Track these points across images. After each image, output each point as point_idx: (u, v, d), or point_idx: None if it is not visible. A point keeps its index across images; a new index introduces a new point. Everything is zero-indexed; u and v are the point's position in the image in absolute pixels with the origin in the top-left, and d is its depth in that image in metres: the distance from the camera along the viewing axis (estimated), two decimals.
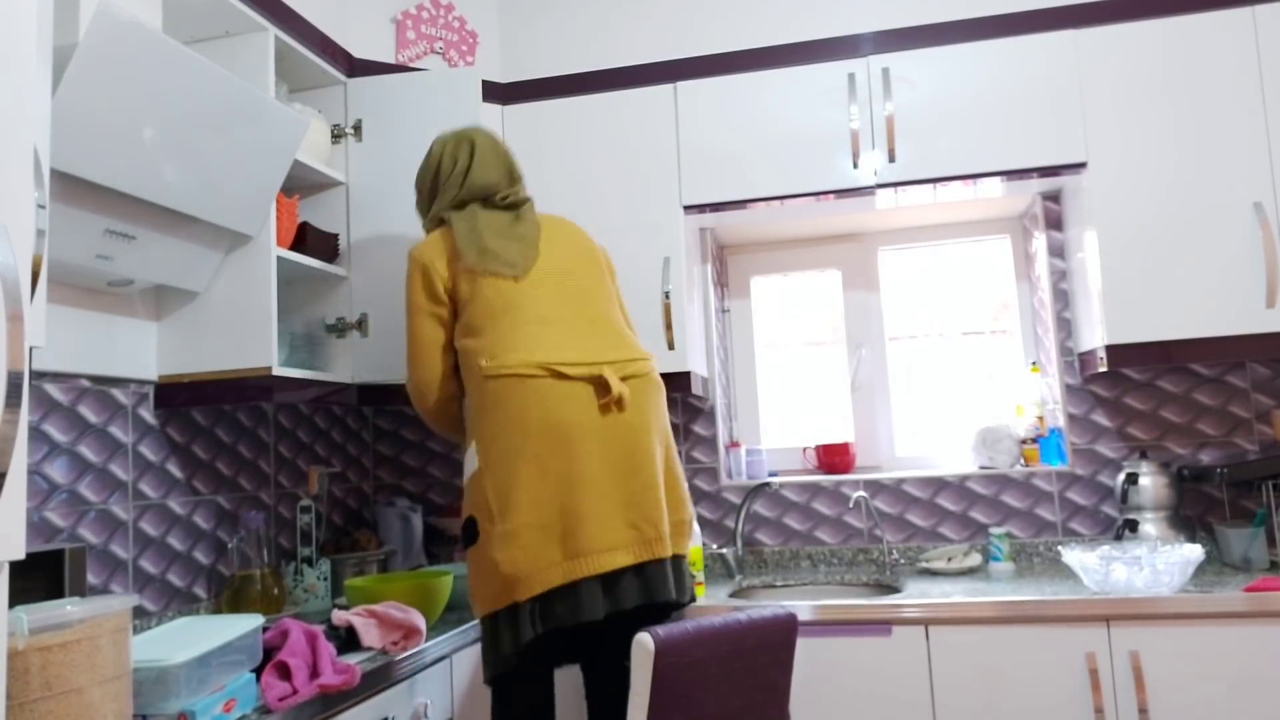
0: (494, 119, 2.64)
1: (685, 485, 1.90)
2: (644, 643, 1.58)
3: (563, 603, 1.70)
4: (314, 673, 1.57)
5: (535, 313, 1.84)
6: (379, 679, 1.70)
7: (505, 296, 1.86)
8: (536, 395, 1.73)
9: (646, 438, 1.79)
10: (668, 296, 2.46)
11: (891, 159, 2.40)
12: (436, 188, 2.04)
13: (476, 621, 2.09)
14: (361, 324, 2.34)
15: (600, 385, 1.77)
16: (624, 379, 1.79)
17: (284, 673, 1.55)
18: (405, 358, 2.08)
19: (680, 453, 2.82)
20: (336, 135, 2.39)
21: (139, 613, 1.94)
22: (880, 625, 2.09)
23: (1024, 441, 2.69)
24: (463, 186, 2.00)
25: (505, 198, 2.01)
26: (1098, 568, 2.02)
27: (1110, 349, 2.28)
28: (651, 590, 1.76)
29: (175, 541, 2.06)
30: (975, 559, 2.45)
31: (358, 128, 2.39)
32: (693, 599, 1.85)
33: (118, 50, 1.50)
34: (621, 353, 1.84)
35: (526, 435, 1.71)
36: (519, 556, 1.68)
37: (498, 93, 2.66)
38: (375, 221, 2.39)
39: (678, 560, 1.82)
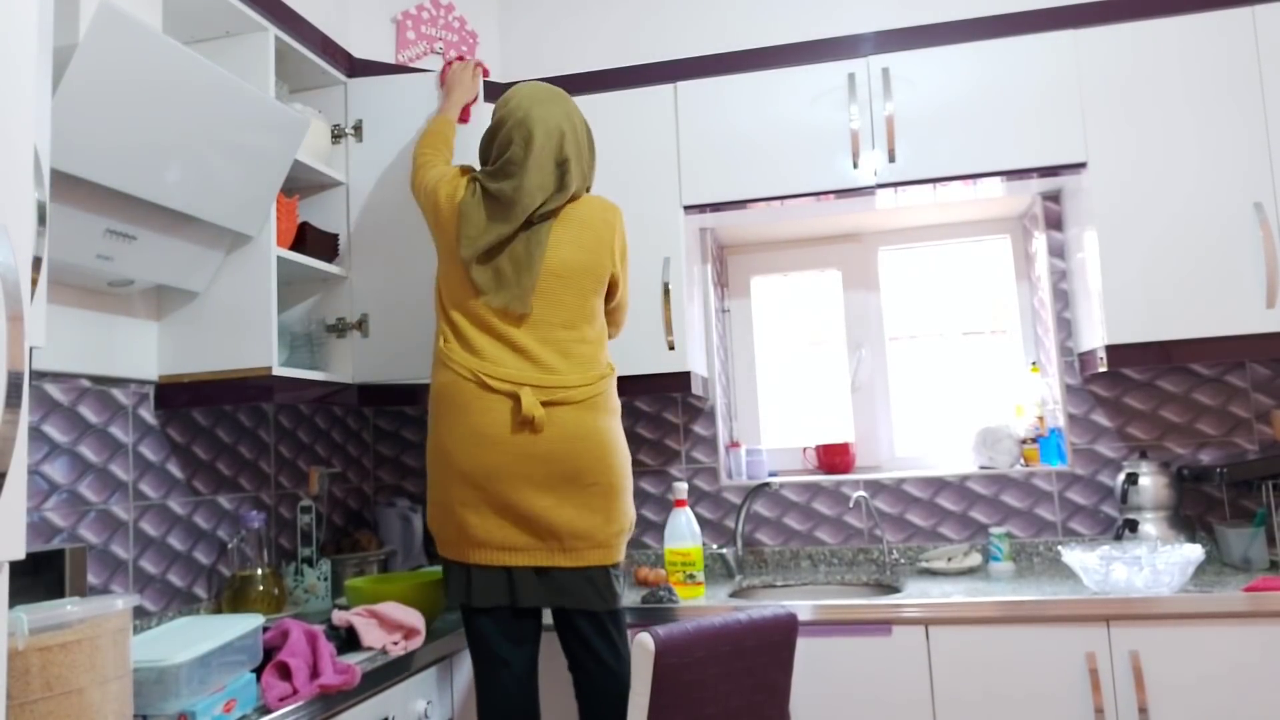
0: None
1: (620, 500, 1.91)
2: (644, 643, 1.58)
3: (467, 581, 1.85)
4: (314, 673, 1.58)
5: (495, 321, 1.91)
6: (379, 679, 1.70)
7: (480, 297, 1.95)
8: (464, 398, 1.87)
9: (563, 462, 1.85)
10: (668, 296, 2.46)
11: (891, 159, 2.40)
12: (486, 154, 2.03)
13: None
14: (362, 324, 2.34)
15: (517, 402, 1.85)
16: (549, 403, 1.85)
17: (284, 673, 1.55)
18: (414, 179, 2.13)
19: (680, 453, 2.82)
20: (336, 135, 2.39)
21: (139, 613, 1.94)
22: (880, 625, 2.09)
23: (1024, 441, 2.69)
24: (501, 185, 1.96)
25: (536, 211, 1.98)
26: (1098, 568, 2.02)
27: (1110, 349, 2.28)
28: (562, 595, 1.85)
29: (175, 542, 2.06)
30: (975, 559, 2.45)
31: (358, 128, 2.39)
32: (614, 609, 1.88)
33: (118, 50, 1.50)
34: (554, 377, 1.87)
35: (451, 430, 1.86)
36: (438, 529, 1.91)
37: (497, 93, 2.66)
38: (375, 221, 2.39)
39: (599, 570, 1.87)
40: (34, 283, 1.14)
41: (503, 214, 1.90)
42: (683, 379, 2.46)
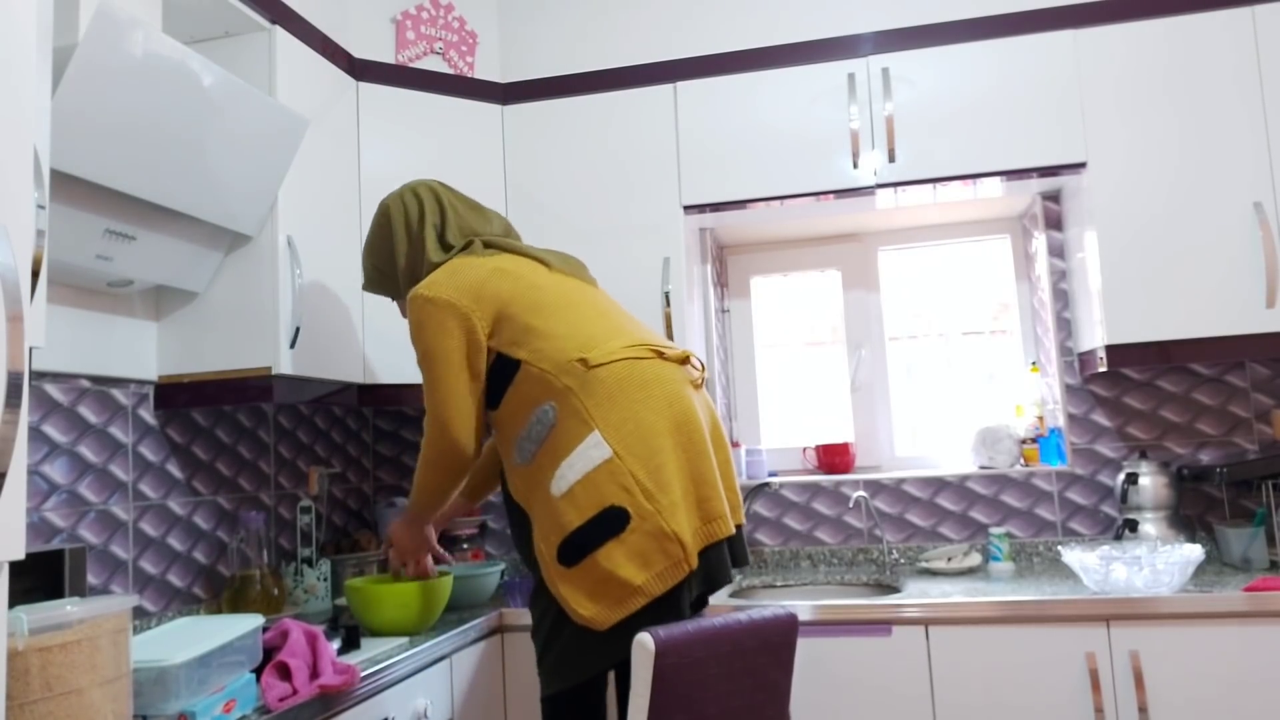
0: (494, 119, 2.64)
1: None
2: (644, 643, 1.58)
3: (705, 567, 1.72)
4: (314, 673, 1.57)
5: (600, 307, 1.84)
6: (379, 679, 1.70)
7: (573, 297, 1.82)
8: (654, 373, 1.73)
9: (716, 412, 1.87)
10: (668, 296, 2.46)
11: (891, 159, 2.40)
12: (422, 241, 1.94)
13: (476, 623, 2.09)
14: None
15: (688, 364, 1.81)
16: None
17: (284, 673, 1.55)
18: (430, 408, 1.80)
19: None
20: None
21: (139, 613, 1.94)
22: (880, 625, 2.09)
23: (1024, 441, 2.69)
24: (476, 227, 1.97)
25: (516, 235, 2.01)
26: (1098, 568, 2.02)
27: (1110, 349, 2.28)
28: (737, 556, 1.82)
29: (175, 542, 2.06)
30: (975, 559, 2.45)
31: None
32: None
33: (118, 50, 1.50)
34: (670, 343, 1.87)
35: (657, 412, 1.70)
36: (686, 526, 1.67)
37: (497, 93, 2.66)
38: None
39: (740, 528, 1.87)
40: (34, 283, 1.14)
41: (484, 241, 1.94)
42: None
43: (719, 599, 2.28)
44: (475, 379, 1.78)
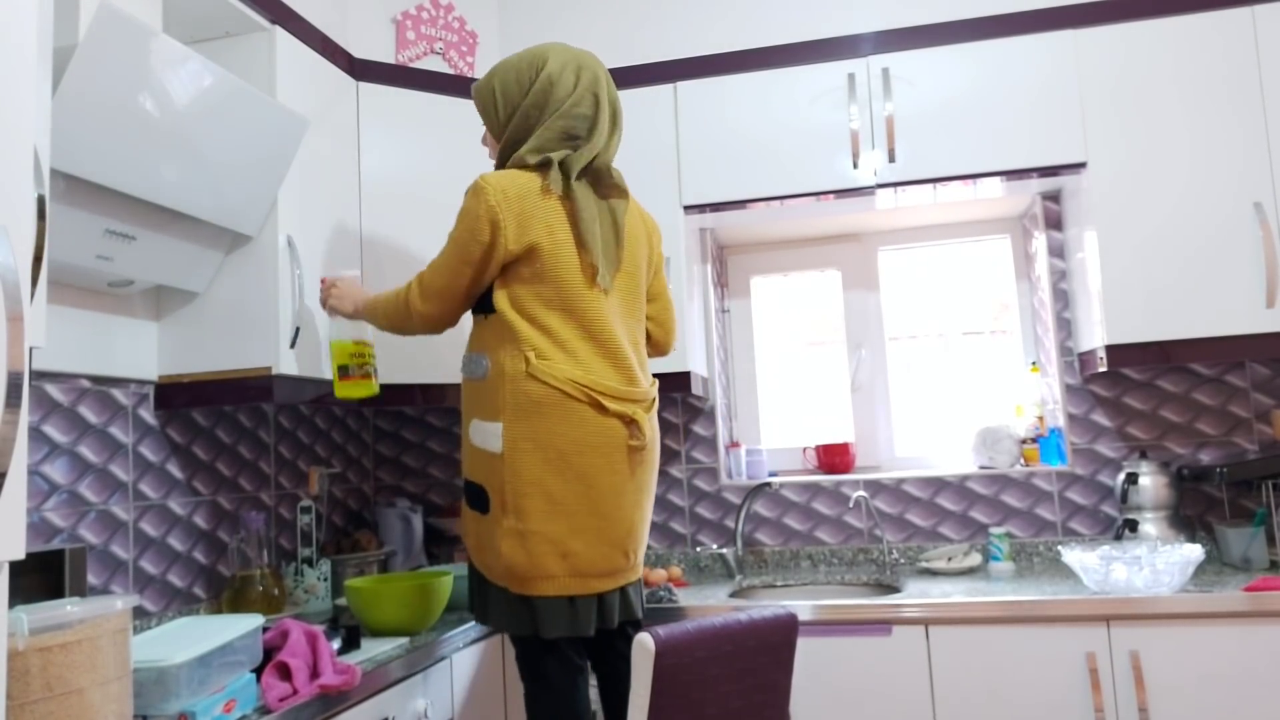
0: None
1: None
2: (644, 643, 1.58)
3: (560, 613, 1.75)
4: (314, 673, 1.57)
5: (592, 326, 1.79)
6: (379, 679, 1.70)
7: (575, 297, 1.79)
8: (577, 419, 1.73)
9: (652, 472, 1.88)
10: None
11: (891, 159, 2.40)
12: (540, 115, 1.82)
13: (474, 622, 2.09)
14: None
15: (631, 426, 1.79)
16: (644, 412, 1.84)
17: (284, 673, 1.55)
18: (428, 279, 1.83)
19: (680, 453, 2.83)
20: None
21: (139, 613, 1.94)
22: (880, 625, 2.09)
23: (1024, 441, 2.69)
24: (588, 142, 1.82)
25: (615, 181, 1.89)
26: (1098, 568, 2.02)
27: (1110, 349, 2.28)
28: (632, 608, 1.87)
29: (175, 542, 2.06)
30: (975, 559, 2.45)
31: None
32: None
33: (118, 50, 1.50)
34: (643, 386, 1.86)
35: (557, 453, 1.73)
36: (523, 560, 1.72)
37: None
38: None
39: (638, 581, 1.92)
40: (34, 283, 1.14)
41: (587, 170, 1.84)
42: (682, 379, 2.46)
43: (719, 599, 2.28)
44: (477, 283, 1.81)
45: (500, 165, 1.90)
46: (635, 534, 1.83)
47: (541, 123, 1.83)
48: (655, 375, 2.46)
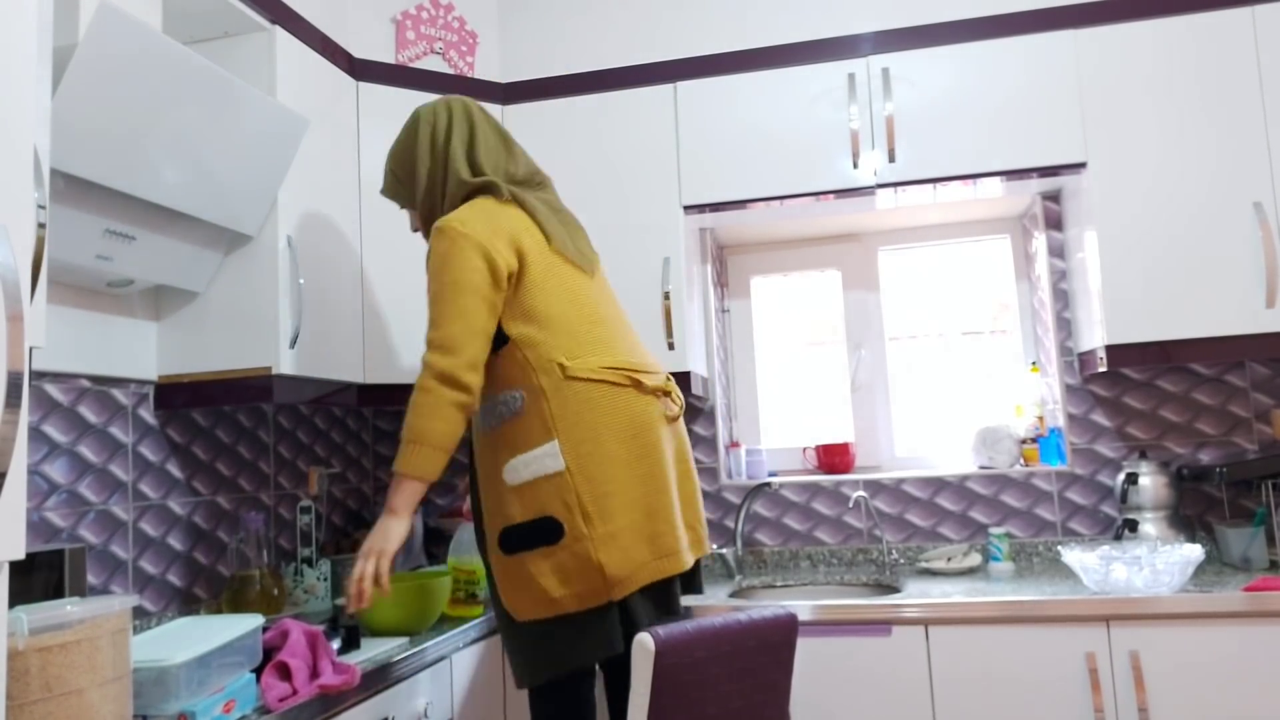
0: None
1: None
2: (644, 643, 1.58)
3: (648, 601, 1.76)
4: (314, 673, 1.57)
5: (598, 312, 1.83)
6: (379, 679, 1.70)
7: (572, 289, 1.81)
8: (624, 403, 1.75)
9: (688, 444, 1.92)
10: (668, 297, 2.46)
11: (891, 159, 2.40)
12: (447, 158, 1.89)
13: (476, 623, 2.09)
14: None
15: (666, 397, 1.83)
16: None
17: (284, 673, 1.55)
18: (437, 335, 1.70)
19: None
20: None
21: (139, 613, 1.94)
22: (880, 625, 2.08)
23: (1024, 441, 2.69)
24: (503, 163, 1.91)
25: (540, 181, 1.95)
26: (1097, 568, 2.02)
27: (1110, 349, 2.28)
28: (693, 587, 1.89)
29: (175, 542, 2.06)
30: (975, 559, 2.45)
31: None
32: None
33: (118, 50, 1.50)
34: (652, 359, 1.90)
35: (620, 441, 1.73)
36: (621, 559, 1.70)
37: (498, 93, 2.66)
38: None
39: (699, 562, 1.95)
40: (34, 283, 1.14)
41: (510, 180, 1.91)
42: (683, 379, 2.46)
43: (719, 599, 2.28)
44: (492, 317, 1.74)
45: (428, 219, 1.94)
46: (696, 501, 1.87)
47: (446, 155, 1.90)
48: None
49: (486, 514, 1.80)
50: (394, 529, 1.69)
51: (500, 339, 1.77)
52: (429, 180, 1.92)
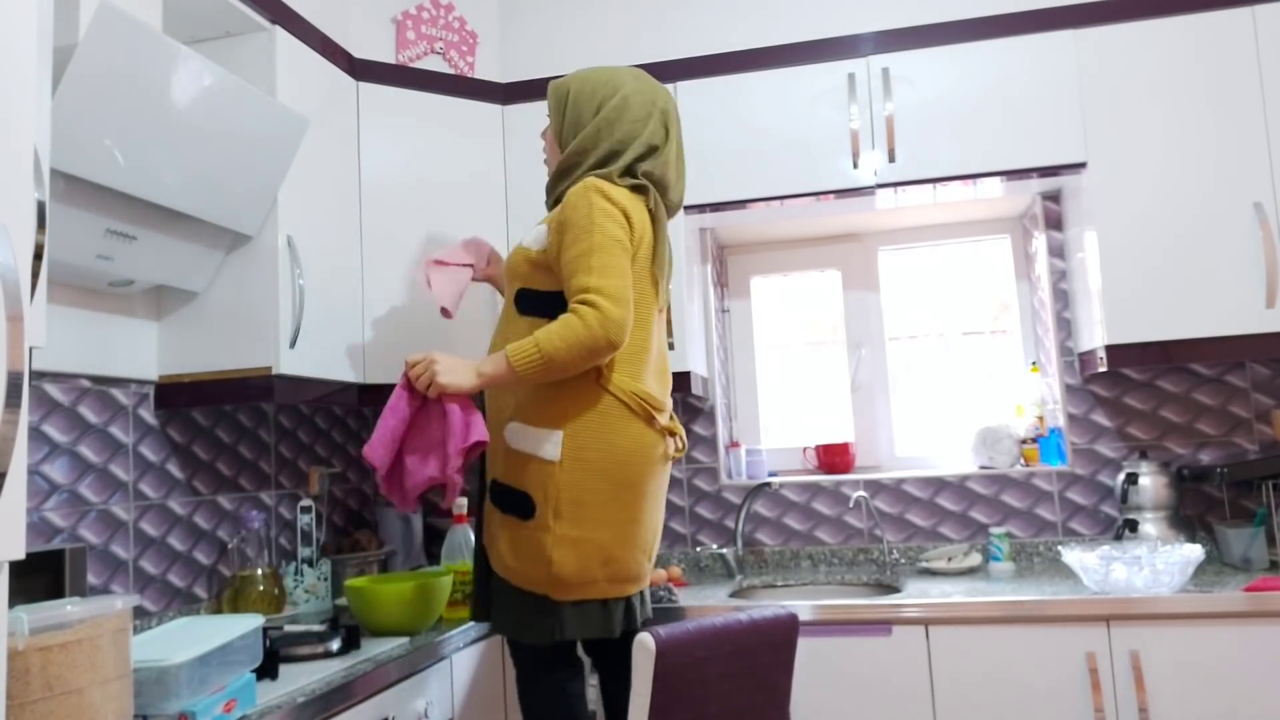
0: (494, 119, 2.64)
1: None
2: (645, 643, 1.58)
3: (593, 617, 1.77)
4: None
5: (649, 343, 1.82)
6: (379, 679, 1.70)
7: (646, 313, 1.82)
8: (635, 431, 1.76)
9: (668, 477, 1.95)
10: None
11: (891, 159, 2.40)
12: (624, 138, 1.82)
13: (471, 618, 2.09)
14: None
15: (672, 438, 1.85)
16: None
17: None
18: (608, 284, 1.67)
19: None
20: None
21: (139, 613, 1.94)
22: (880, 625, 2.09)
23: (1024, 441, 2.69)
24: (670, 179, 1.87)
25: (674, 212, 1.94)
26: (1098, 568, 2.02)
27: (1110, 349, 2.28)
28: (646, 609, 1.91)
29: (175, 542, 2.06)
30: (975, 559, 2.45)
31: None
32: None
33: (118, 50, 1.50)
34: (670, 404, 1.90)
35: (616, 464, 1.74)
36: (574, 567, 1.72)
37: (498, 93, 2.66)
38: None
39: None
40: (34, 283, 1.14)
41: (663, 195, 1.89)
42: (683, 379, 2.46)
43: (719, 599, 2.28)
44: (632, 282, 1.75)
45: (562, 172, 1.87)
46: (658, 538, 1.88)
47: (614, 141, 1.83)
48: None
49: (490, 450, 1.84)
50: (465, 381, 1.73)
51: (564, 306, 1.75)
52: (581, 154, 1.84)
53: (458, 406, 1.73)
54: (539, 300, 1.80)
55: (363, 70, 2.42)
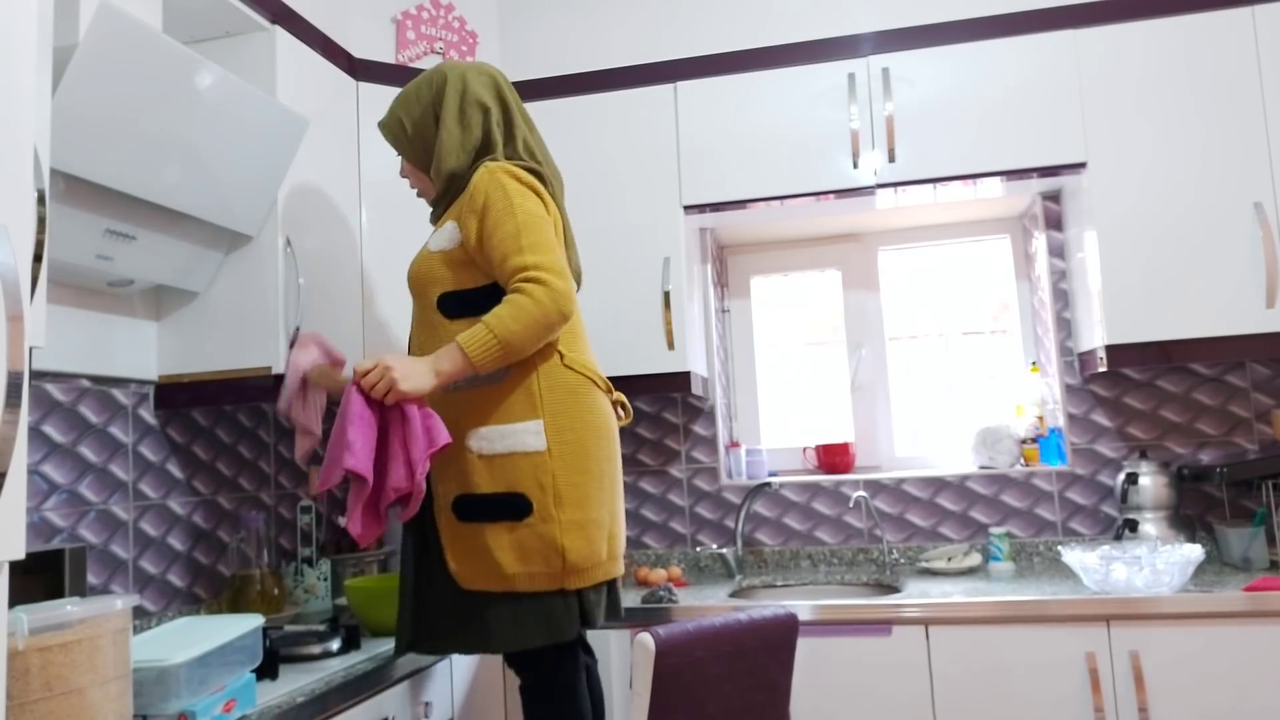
0: None
1: None
2: (645, 643, 1.58)
3: (604, 598, 1.76)
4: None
5: (580, 319, 1.86)
6: (379, 679, 1.70)
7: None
8: (601, 404, 1.78)
9: None
10: (668, 296, 2.46)
11: (891, 159, 2.40)
12: (509, 126, 1.86)
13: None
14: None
15: (619, 406, 1.88)
16: None
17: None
18: (545, 259, 1.66)
19: (680, 453, 2.83)
20: None
21: (139, 613, 1.94)
22: (880, 625, 2.09)
23: (1024, 441, 2.69)
24: (538, 153, 1.89)
25: (560, 184, 1.96)
26: (1098, 568, 2.02)
27: (1110, 349, 2.28)
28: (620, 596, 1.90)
29: (175, 542, 2.06)
30: (975, 559, 2.45)
31: None
32: None
33: (118, 50, 1.50)
34: None
35: (596, 439, 1.74)
36: (585, 550, 1.68)
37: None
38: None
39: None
40: (34, 283, 1.14)
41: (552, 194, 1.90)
42: (682, 379, 2.46)
43: (719, 599, 2.28)
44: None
45: (449, 180, 1.83)
46: (621, 517, 1.87)
47: (476, 130, 1.83)
48: (655, 374, 2.48)
49: (435, 475, 1.74)
50: (425, 383, 1.63)
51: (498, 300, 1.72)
52: (446, 143, 1.82)
53: (415, 409, 1.63)
54: (467, 300, 1.75)
55: (363, 70, 2.42)
